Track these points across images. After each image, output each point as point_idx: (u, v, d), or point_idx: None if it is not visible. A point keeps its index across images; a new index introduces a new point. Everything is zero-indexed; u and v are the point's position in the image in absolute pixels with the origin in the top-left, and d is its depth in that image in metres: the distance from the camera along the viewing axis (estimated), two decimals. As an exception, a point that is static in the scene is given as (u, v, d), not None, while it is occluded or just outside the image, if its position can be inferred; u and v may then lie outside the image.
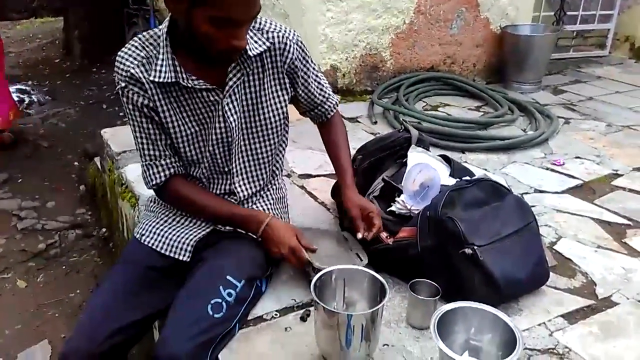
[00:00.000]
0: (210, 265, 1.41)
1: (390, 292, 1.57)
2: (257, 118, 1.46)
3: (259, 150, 1.51)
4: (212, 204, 1.47)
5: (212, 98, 1.37)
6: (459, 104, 3.33)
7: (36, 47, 7.44)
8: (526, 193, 2.21)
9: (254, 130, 1.48)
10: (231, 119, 1.40)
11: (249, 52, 1.35)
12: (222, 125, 1.41)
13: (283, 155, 1.65)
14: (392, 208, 1.69)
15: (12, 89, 5.59)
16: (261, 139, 1.50)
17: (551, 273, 1.60)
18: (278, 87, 1.47)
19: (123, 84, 1.35)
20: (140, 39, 1.37)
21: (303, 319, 1.45)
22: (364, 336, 1.21)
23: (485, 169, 2.41)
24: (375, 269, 1.64)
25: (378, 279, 1.31)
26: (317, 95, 1.59)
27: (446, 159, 1.88)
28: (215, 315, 1.30)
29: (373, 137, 2.69)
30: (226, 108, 1.39)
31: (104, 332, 1.32)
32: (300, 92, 1.54)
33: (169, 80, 1.31)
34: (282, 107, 1.49)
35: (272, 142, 1.52)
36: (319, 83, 1.60)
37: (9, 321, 2.39)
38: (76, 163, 3.87)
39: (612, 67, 4.30)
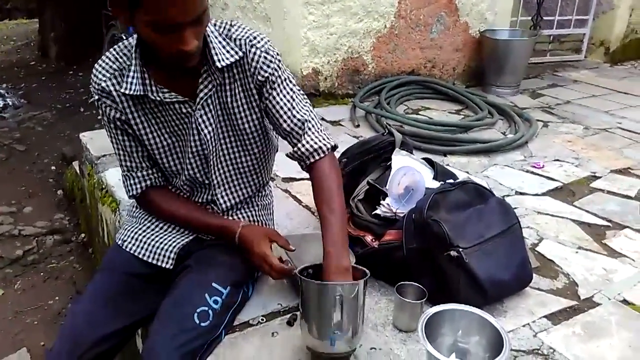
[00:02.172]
0: (195, 272, 1.39)
1: (377, 295, 1.58)
2: (233, 130, 1.42)
3: (239, 161, 1.47)
4: (188, 215, 1.45)
5: (184, 110, 1.33)
6: (439, 107, 3.37)
7: (10, 50, 7.31)
8: (507, 195, 2.24)
9: (232, 141, 1.44)
10: (205, 131, 1.37)
11: (217, 63, 1.29)
12: (197, 137, 1.37)
13: (270, 166, 1.60)
14: (377, 211, 1.69)
15: (-15, 92, 5.51)
16: (241, 150, 1.46)
17: (534, 274, 1.62)
18: (250, 98, 1.39)
19: (97, 97, 1.35)
20: (115, 49, 1.34)
21: (290, 323, 1.45)
22: (346, 311, 1.18)
23: (467, 172, 2.44)
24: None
25: (358, 268, 1.30)
26: (286, 117, 1.37)
27: (430, 162, 1.90)
28: (202, 324, 1.28)
29: (356, 140, 2.70)
30: (199, 120, 1.35)
31: (87, 341, 1.30)
32: (266, 107, 1.38)
33: (138, 94, 1.29)
34: (257, 118, 1.42)
35: (252, 152, 1.47)
36: (292, 105, 1.38)
37: (-15, 330, 2.34)
38: (53, 167, 3.80)
39: (587, 71, 4.39)
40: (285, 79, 1.39)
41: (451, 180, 1.74)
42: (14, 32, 8.37)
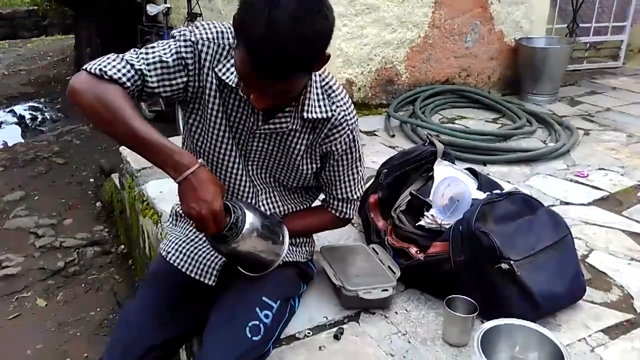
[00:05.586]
0: (245, 286, 1.37)
1: (424, 309, 1.55)
2: (285, 158, 1.38)
3: (279, 178, 1.43)
4: (138, 122, 1.15)
5: (252, 119, 1.30)
6: (475, 116, 3.32)
7: (47, 65, 7.52)
8: (552, 205, 2.18)
9: (275, 169, 1.40)
10: (257, 143, 1.34)
11: (307, 113, 1.27)
12: (246, 143, 1.34)
13: (311, 196, 1.55)
14: (422, 222, 1.67)
15: (24, 106, 5.65)
16: (281, 177, 1.42)
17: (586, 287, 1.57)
18: (312, 152, 1.37)
19: (187, 47, 1.22)
20: (224, 25, 1.26)
21: (337, 337, 1.43)
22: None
23: (509, 181, 2.39)
24: (406, 285, 1.64)
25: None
26: (337, 188, 1.44)
27: (473, 172, 1.86)
28: (254, 338, 1.27)
29: (392, 149, 2.69)
30: (257, 136, 1.32)
31: (136, 352, 1.30)
32: (326, 168, 1.41)
33: (231, 84, 1.24)
34: (311, 166, 1.39)
35: (293, 183, 1.44)
36: (349, 184, 1.44)
37: (30, 341, 2.37)
38: (92, 180, 3.87)
39: (627, 77, 4.29)
40: (356, 159, 1.41)
41: (498, 191, 1.71)
42: (51, 48, 8.61)
